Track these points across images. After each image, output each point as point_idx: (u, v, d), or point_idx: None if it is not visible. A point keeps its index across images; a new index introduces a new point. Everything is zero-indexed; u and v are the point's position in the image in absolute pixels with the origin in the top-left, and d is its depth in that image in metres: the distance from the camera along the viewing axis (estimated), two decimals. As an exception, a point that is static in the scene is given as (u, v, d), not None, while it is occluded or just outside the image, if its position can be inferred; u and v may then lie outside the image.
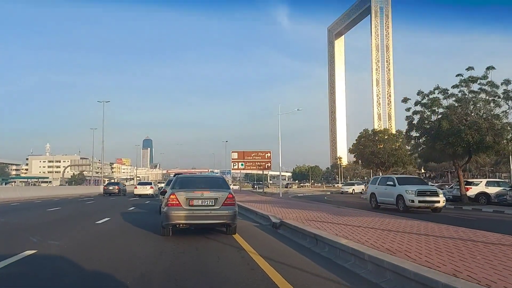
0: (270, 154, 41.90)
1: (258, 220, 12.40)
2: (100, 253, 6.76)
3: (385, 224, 9.21)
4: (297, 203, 20.68)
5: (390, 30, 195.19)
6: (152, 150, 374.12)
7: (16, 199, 28.04)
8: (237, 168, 42.51)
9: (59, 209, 18.38)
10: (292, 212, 12.68)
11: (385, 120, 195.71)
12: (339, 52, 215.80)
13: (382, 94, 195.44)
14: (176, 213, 8.03)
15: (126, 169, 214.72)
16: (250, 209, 14.63)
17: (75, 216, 14.65)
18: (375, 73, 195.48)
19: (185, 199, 8.09)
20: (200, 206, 8.10)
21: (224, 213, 8.19)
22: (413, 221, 10.19)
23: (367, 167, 38.71)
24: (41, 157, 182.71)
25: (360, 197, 37.28)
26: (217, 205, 8.16)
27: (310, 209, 14.25)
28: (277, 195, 38.02)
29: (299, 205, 17.44)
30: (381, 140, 33.55)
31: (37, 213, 15.75)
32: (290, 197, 34.39)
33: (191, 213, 8.04)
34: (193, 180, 9.63)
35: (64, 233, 9.44)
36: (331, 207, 16.60)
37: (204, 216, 8.11)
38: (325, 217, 11.05)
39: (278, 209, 14.65)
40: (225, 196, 8.27)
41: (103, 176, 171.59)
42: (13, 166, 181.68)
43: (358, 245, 6.00)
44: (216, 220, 8.22)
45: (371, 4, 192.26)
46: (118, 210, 17.33)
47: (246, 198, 24.06)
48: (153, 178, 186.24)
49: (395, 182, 17.58)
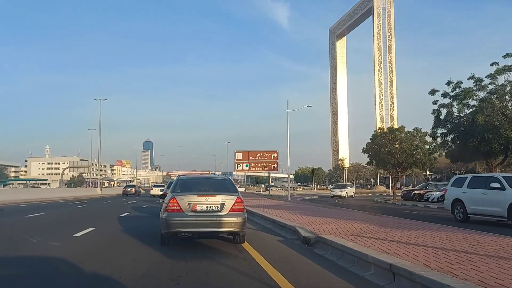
0: (277, 154, 39.46)
1: (279, 231, 9.85)
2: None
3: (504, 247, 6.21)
4: (316, 208, 18.10)
5: (392, 31, 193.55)
6: (152, 152, 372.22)
7: (0, 202, 25.51)
8: (241, 170, 39.91)
9: (41, 215, 15.87)
10: (321, 222, 10.13)
11: (387, 122, 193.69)
12: (341, 53, 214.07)
13: (385, 95, 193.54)
14: (177, 220, 7.02)
15: (126, 171, 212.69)
16: (265, 217, 12.10)
17: (53, 225, 12.11)
18: (377, 74, 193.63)
19: (188, 204, 7.09)
20: (205, 212, 7.11)
21: (232, 220, 7.16)
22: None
23: (382, 168, 35.84)
24: (40, 159, 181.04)
25: (374, 199, 34.88)
26: (224, 211, 7.16)
27: (340, 218, 11.67)
28: (284, 198, 35.48)
29: (320, 212, 14.86)
30: (397, 139, 30.89)
31: (8, 222, 13.19)
32: (299, 200, 31.87)
33: (194, 220, 7.04)
34: (197, 182, 8.66)
35: (15, 256, 6.90)
36: (368, 216, 13.38)
37: (209, 224, 7.11)
38: (374, 230, 8.40)
39: (299, 216, 12.14)
40: (233, 201, 7.26)
41: (102, 178, 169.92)
42: (12, 168, 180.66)
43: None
44: (223, 228, 7.21)
45: (373, 4, 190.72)
46: (108, 216, 14.88)
47: (255, 203, 21.53)
48: (153, 180, 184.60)
49: (504, 184, 12.09)
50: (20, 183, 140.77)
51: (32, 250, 7.22)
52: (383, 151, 30.69)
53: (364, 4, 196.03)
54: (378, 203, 30.07)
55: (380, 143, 31.37)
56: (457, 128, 20.85)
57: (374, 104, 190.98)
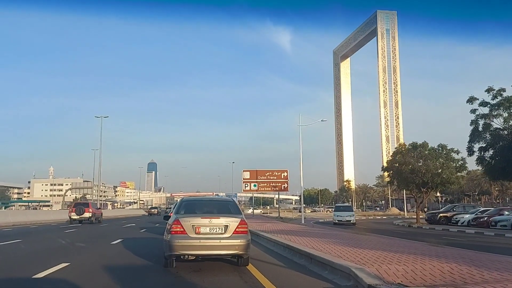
0: (287, 173, 36.72)
1: (320, 270, 7.14)
2: None
3: None
4: (345, 234, 15.25)
5: (397, 52, 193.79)
6: (156, 173, 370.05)
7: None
8: (249, 190, 37.12)
9: (16, 242, 13.25)
10: (376, 258, 7.42)
11: (393, 143, 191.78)
12: (345, 74, 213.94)
13: (390, 116, 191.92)
14: (180, 242, 6.93)
15: (130, 192, 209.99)
16: (292, 247, 9.38)
17: (21, 258, 9.47)
18: (382, 95, 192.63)
19: (191, 226, 7.05)
20: (208, 234, 7.06)
21: (236, 243, 7.09)
22: None
23: (405, 188, 32.80)
24: (43, 180, 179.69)
25: (394, 223, 31.70)
26: (228, 233, 7.10)
27: (395, 250, 8.90)
28: (296, 221, 32.49)
29: (356, 240, 12.13)
30: (422, 155, 28.18)
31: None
32: (314, 224, 28.95)
33: (198, 242, 6.97)
34: (201, 204, 8.59)
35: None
36: (430, 247, 10.19)
37: (213, 246, 7.03)
38: (472, 274, 5.75)
39: (335, 246, 9.48)
40: (236, 223, 7.19)
41: (106, 199, 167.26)
42: (15, 189, 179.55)
43: None
44: (226, 250, 7.13)
45: (377, 26, 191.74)
46: (96, 244, 12.25)
47: (269, 227, 18.78)
48: (156, 201, 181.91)
49: None
50: (22, 205, 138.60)
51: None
52: (406, 169, 27.90)
53: (368, 25, 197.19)
54: (402, 227, 27.10)
55: (403, 161, 28.63)
56: (499, 141, 18.20)
57: (380, 125, 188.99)
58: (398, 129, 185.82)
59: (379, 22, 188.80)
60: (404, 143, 29.12)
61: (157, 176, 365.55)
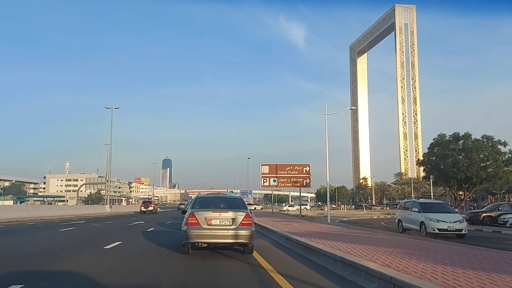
0: (309, 168, 33.67)
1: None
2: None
3: None
4: (400, 239, 12.30)
5: (415, 47, 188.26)
6: (171, 170, 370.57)
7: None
8: (268, 185, 34.01)
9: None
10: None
11: (411, 140, 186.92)
12: (362, 70, 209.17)
13: (408, 112, 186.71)
14: (195, 232, 8.16)
15: (144, 188, 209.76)
16: (356, 265, 6.52)
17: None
18: (400, 91, 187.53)
19: (204, 218, 8.23)
20: (218, 225, 8.23)
21: (242, 233, 8.21)
22: None
23: (444, 184, 29.39)
24: (58, 175, 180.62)
25: None
26: (235, 225, 8.24)
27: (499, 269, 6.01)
28: (319, 219, 29.52)
29: (423, 249, 9.19)
30: (464, 148, 24.89)
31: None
32: (340, 222, 26.01)
33: (210, 232, 8.16)
34: (213, 200, 9.73)
35: None
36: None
37: (222, 235, 8.21)
38: None
39: (413, 261, 6.58)
40: (242, 216, 8.35)
41: (120, 195, 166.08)
42: (31, 184, 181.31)
43: None
44: (234, 239, 8.28)
45: (395, 20, 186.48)
46: (83, 249, 9.66)
47: (296, 228, 15.92)
48: (171, 198, 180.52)
49: None
50: (37, 200, 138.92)
51: None
52: (447, 163, 24.64)
53: (385, 20, 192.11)
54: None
55: (442, 154, 25.36)
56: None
57: (397, 121, 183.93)
58: (416, 126, 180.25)
59: (397, 16, 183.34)
60: (443, 134, 25.88)
61: (171, 173, 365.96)
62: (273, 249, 10.62)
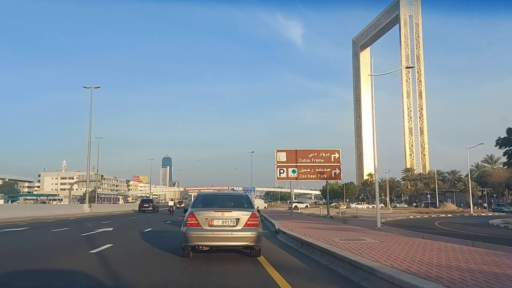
0: (339, 155, 26.72)
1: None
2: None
3: None
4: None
5: (420, 39, 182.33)
6: (171, 168, 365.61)
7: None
8: (285, 177, 26.65)
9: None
10: None
11: (416, 135, 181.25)
12: (365, 64, 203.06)
13: (413, 107, 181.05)
14: (194, 233, 7.48)
15: (143, 186, 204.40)
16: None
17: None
18: (405, 85, 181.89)
19: (205, 218, 7.58)
20: (221, 226, 7.56)
21: (247, 235, 7.53)
22: None
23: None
24: (53, 173, 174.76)
25: (490, 223, 22.32)
26: (239, 226, 7.56)
27: None
28: (353, 221, 23.19)
29: None
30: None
31: None
32: (391, 227, 19.84)
33: (211, 234, 7.48)
34: (215, 198, 9.24)
35: None
36: None
37: (225, 237, 7.52)
38: None
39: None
40: (247, 216, 7.64)
41: (117, 193, 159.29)
42: (25, 183, 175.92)
43: None
44: (238, 241, 7.61)
45: (399, 12, 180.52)
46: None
47: (344, 235, 9.75)
48: (170, 196, 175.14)
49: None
50: (30, 199, 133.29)
51: None
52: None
53: (389, 12, 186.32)
54: (504, 229, 18.79)
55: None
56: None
57: (402, 116, 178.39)
58: (422, 121, 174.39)
59: (401, 8, 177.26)
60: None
61: (172, 171, 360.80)
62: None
